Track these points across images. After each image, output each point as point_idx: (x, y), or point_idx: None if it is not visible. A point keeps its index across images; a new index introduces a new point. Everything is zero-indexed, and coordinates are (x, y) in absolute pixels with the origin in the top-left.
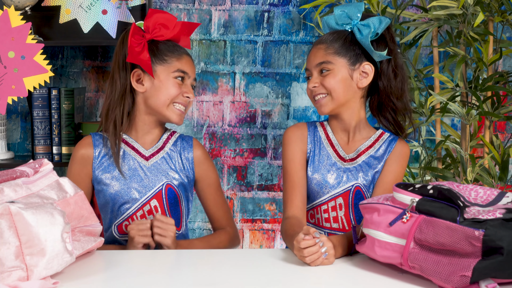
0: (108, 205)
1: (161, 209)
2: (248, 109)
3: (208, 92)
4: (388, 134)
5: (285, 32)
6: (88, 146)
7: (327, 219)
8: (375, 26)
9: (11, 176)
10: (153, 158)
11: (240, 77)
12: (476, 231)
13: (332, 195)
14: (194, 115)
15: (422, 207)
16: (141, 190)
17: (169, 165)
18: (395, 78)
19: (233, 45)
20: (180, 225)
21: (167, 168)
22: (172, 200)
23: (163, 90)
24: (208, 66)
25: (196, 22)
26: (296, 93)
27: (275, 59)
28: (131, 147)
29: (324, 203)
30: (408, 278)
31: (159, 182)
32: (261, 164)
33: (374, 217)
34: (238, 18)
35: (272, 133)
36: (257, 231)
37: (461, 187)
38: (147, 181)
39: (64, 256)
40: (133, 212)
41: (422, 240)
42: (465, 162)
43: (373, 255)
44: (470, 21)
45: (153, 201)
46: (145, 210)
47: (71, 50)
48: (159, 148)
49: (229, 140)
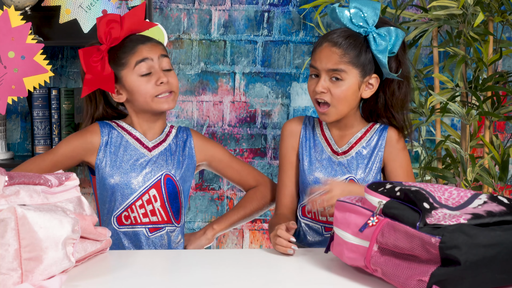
0: (107, 194)
1: (160, 199)
2: (248, 109)
3: (208, 92)
4: (379, 124)
5: (285, 32)
6: (96, 134)
7: (323, 213)
8: (393, 42)
9: (33, 180)
10: (156, 149)
11: (240, 77)
12: (433, 237)
13: None
14: (194, 115)
15: (387, 210)
16: (141, 180)
17: (171, 156)
18: (399, 90)
19: (233, 45)
20: (179, 218)
21: (169, 159)
22: (171, 191)
23: (137, 93)
24: (208, 66)
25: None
26: (296, 93)
27: (275, 59)
28: (134, 137)
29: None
30: None
31: (159, 172)
32: (261, 164)
33: (346, 217)
34: (238, 18)
35: (272, 133)
36: (257, 231)
37: (435, 187)
38: (147, 171)
39: (63, 262)
40: (132, 202)
41: (383, 244)
42: (465, 162)
43: (342, 257)
44: (470, 21)
45: (152, 190)
46: (144, 199)
47: (71, 50)
48: (162, 140)
49: (229, 140)
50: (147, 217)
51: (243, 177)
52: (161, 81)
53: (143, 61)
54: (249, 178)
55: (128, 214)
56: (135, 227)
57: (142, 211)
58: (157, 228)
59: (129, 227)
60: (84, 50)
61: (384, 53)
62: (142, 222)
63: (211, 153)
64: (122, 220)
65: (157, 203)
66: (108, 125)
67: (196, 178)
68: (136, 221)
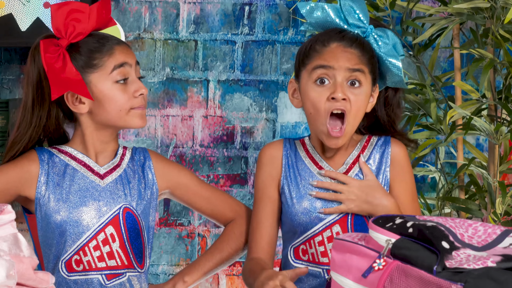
0: (53, 235)
1: (119, 238)
2: (224, 125)
3: (174, 105)
4: (377, 137)
5: (270, 30)
6: (34, 162)
7: (324, 253)
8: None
9: None
10: (109, 176)
11: (214, 85)
12: (454, 285)
13: (326, 223)
14: (158, 133)
15: (397, 251)
16: (94, 215)
17: (129, 185)
18: (398, 107)
19: (206, 46)
20: (143, 261)
21: (126, 188)
22: (132, 227)
23: (110, 103)
24: (175, 72)
25: None
26: (284, 106)
27: (258, 63)
28: (81, 163)
29: (317, 234)
30: None
31: (116, 205)
32: (241, 194)
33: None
34: (213, 12)
35: (254, 155)
36: (236, 277)
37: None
38: (102, 205)
39: None
40: (85, 243)
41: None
42: (493, 191)
43: None
44: (500, 16)
45: (109, 228)
46: (100, 239)
47: (5, 52)
48: (116, 164)
49: (201, 164)
50: (104, 261)
51: (216, 207)
52: (140, 93)
53: (122, 66)
54: (225, 208)
55: (80, 258)
56: (89, 274)
57: (97, 253)
58: (116, 275)
59: (82, 274)
60: (45, 41)
61: (396, 57)
62: (97, 268)
63: (175, 179)
64: (72, 265)
65: (115, 243)
66: (47, 152)
67: (160, 211)
68: (90, 266)
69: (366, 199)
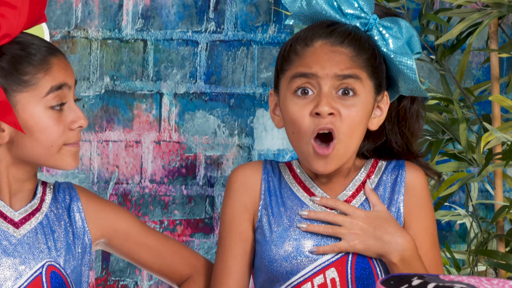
0: None
1: None
2: (183, 154)
3: (116, 127)
4: (386, 161)
5: (244, 26)
6: None
7: None
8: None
9: None
10: (27, 224)
11: (170, 101)
12: None
13: (318, 265)
14: (94, 164)
15: None
16: (9, 276)
17: (52, 235)
18: (417, 122)
19: (159, 47)
20: None
21: (50, 240)
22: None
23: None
24: (117, 83)
25: None
26: (263, 128)
27: (228, 70)
28: None
29: (306, 281)
30: None
31: (37, 262)
32: (205, 246)
33: None
34: (167, 3)
35: (222, 193)
36: None
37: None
38: (18, 262)
39: None
40: None
41: None
42: None
43: None
44: None
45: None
46: None
47: None
48: (35, 208)
49: (152, 206)
50: None
51: (166, 261)
52: (78, 125)
53: (60, 88)
54: (178, 262)
55: None
56: None
57: None
58: None
59: None
60: None
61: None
62: None
63: (111, 224)
64: None
65: None
66: None
67: (97, 268)
68: None
69: (374, 233)
